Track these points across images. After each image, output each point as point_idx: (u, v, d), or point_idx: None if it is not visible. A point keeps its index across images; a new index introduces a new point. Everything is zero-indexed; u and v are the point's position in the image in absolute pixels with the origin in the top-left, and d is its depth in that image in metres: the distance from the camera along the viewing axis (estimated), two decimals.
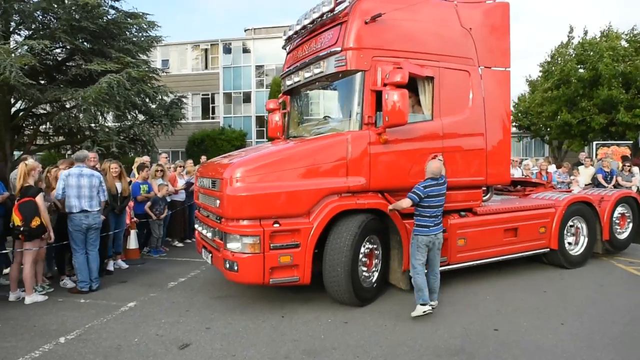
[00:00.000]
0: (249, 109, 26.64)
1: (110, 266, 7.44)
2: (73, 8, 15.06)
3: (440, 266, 6.12)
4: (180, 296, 6.18)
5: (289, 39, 7.11)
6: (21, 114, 16.92)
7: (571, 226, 7.60)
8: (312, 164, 5.55)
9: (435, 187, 5.31)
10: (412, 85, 6.17)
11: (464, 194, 6.50)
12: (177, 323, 5.19)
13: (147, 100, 18.09)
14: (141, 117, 18.66)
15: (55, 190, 6.18)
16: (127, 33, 17.66)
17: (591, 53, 18.86)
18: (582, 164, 11.90)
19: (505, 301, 5.90)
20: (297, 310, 5.59)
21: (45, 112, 17.60)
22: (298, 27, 6.73)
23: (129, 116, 18.26)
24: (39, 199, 5.75)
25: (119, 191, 7.49)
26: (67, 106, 16.97)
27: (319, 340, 4.71)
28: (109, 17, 16.53)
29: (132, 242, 8.13)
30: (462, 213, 6.55)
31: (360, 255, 5.62)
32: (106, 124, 18.27)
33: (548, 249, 7.27)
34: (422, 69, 5.79)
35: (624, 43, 19.14)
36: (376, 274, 5.94)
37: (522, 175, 11.49)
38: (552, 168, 11.57)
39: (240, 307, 5.73)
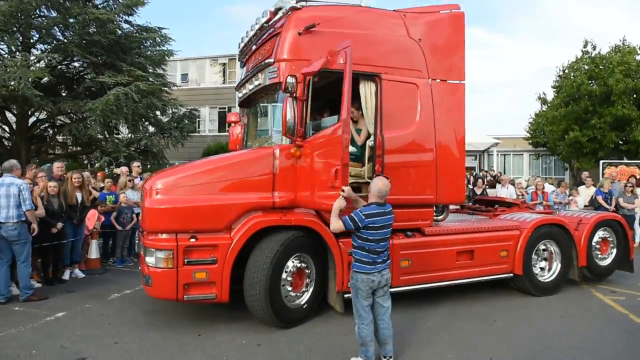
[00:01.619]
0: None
1: (66, 275, 7.52)
2: (86, 22, 15.62)
3: None
4: (113, 308, 6.14)
5: (241, 52, 7.05)
6: (38, 124, 17.68)
7: (544, 250, 7.07)
8: (236, 177, 5.40)
9: (380, 217, 4.24)
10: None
11: (410, 212, 6.15)
12: (91, 336, 5.12)
13: (158, 112, 18.52)
14: (151, 129, 19.09)
15: None
16: (141, 47, 18.21)
17: (602, 68, 17.86)
18: (584, 184, 11.16)
19: (445, 329, 5.50)
20: (219, 329, 5.41)
21: (61, 122, 18.30)
22: (247, 40, 6.66)
23: (140, 128, 18.71)
24: None
25: (79, 201, 7.58)
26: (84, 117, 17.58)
27: None
28: (121, 31, 17.07)
29: (93, 252, 8.20)
30: (409, 233, 6.20)
31: (285, 275, 5.39)
32: (117, 136, 18.87)
33: (512, 274, 6.77)
34: (324, 61, 5.19)
35: (639, 58, 18.02)
36: (307, 295, 5.67)
37: (517, 195, 10.94)
38: (549, 187, 10.91)
39: (163, 323, 5.62)
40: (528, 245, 6.77)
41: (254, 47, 6.54)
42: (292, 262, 5.49)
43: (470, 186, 11.80)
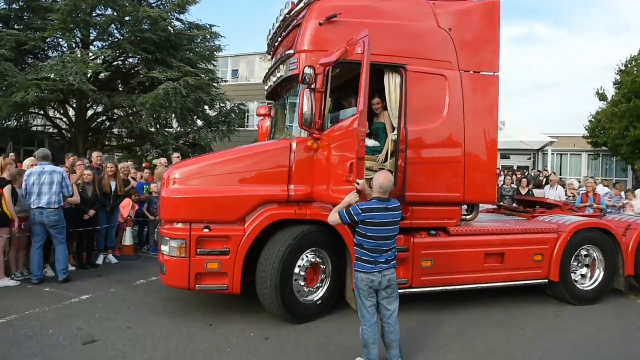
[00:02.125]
0: None
1: (100, 260, 7.83)
2: (139, 20, 16.22)
3: (401, 289, 5.64)
4: (135, 294, 6.30)
5: (269, 44, 7.00)
6: (95, 117, 18.62)
7: (586, 256, 6.55)
8: (252, 169, 5.37)
9: (380, 213, 3.98)
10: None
11: (434, 210, 5.89)
12: (107, 320, 5.27)
13: (206, 107, 18.99)
14: (200, 123, 19.61)
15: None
16: (192, 44, 18.73)
17: None
18: None
19: (464, 335, 5.19)
20: (231, 320, 5.40)
21: (117, 116, 19.16)
22: (273, 32, 6.60)
23: (189, 122, 19.26)
24: (6, 190, 6.19)
25: (113, 190, 7.85)
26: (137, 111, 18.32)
27: (220, 354, 4.49)
28: (172, 29, 17.60)
29: (128, 239, 8.47)
30: (433, 232, 5.91)
31: (298, 269, 5.29)
32: (168, 129, 19.53)
33: (546, 280, 6.30)
34: (340, 53, 4.97)
35: None
36: (322, 291, 5.54)
37: (567, 195, 10.26)
38: (602, 189, 10.10)
39: (179, 310, 5.69)
40: (566, 250, 6.28)
41: (279, 39, 6.48)
42: (307, 256, 5.38)
43: (514, 186, 11.19)
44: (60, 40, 16.98)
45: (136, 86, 17.58)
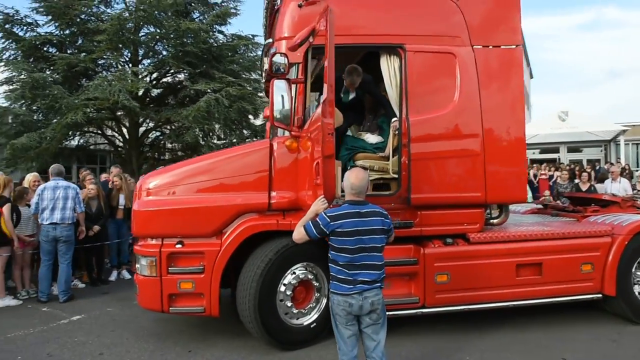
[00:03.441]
0: None
1: (113, 276, 7.60)
2: (179, 34, 16.34)
3: (413, 308, 4.81)
4: (129, 314, 5.89)
5: (265, 37, 6.42)
6: (146, 132, 19.09)
7: None
8: (228, 175, 4.76)
9: (352, 220, 3.21)
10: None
11: (449, 214, 4.96)
12: (83, 344, 4.88)
13: (250, 117, 18.84)
14: (246, 132, 19.50)
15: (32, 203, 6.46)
16: (235, 55, 18.72)
17: None
18: None
19: None
20: (214, 345, 4.81)
21: (168, 130, 19.50)
22: (264, 23, 6.02)
23: (236, 132, 19.20)
24: (5, 209, 6.07)
25: (121, 203, 7.62)
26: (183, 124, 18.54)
27: None
28: (213, 40, 17.66)
29: None
30: (449, 240, 4.97)
31: (283, 288, 4.60)
32: (216, 141, 19.59)
33: (600, 295, 5.13)
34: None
35: None
36: (317, 313, 4.78)
37: (636, 190, 8.73)
38: None
39: (164, 334, 5.19)
40: (624, 257, 5.10)
41: (269, 29, 5.88)
42: (294, 273, 4.67)
43: (577, 180, 9.75)
44: (111, 60, 17.59)
45: (183, 100, 17.77)
